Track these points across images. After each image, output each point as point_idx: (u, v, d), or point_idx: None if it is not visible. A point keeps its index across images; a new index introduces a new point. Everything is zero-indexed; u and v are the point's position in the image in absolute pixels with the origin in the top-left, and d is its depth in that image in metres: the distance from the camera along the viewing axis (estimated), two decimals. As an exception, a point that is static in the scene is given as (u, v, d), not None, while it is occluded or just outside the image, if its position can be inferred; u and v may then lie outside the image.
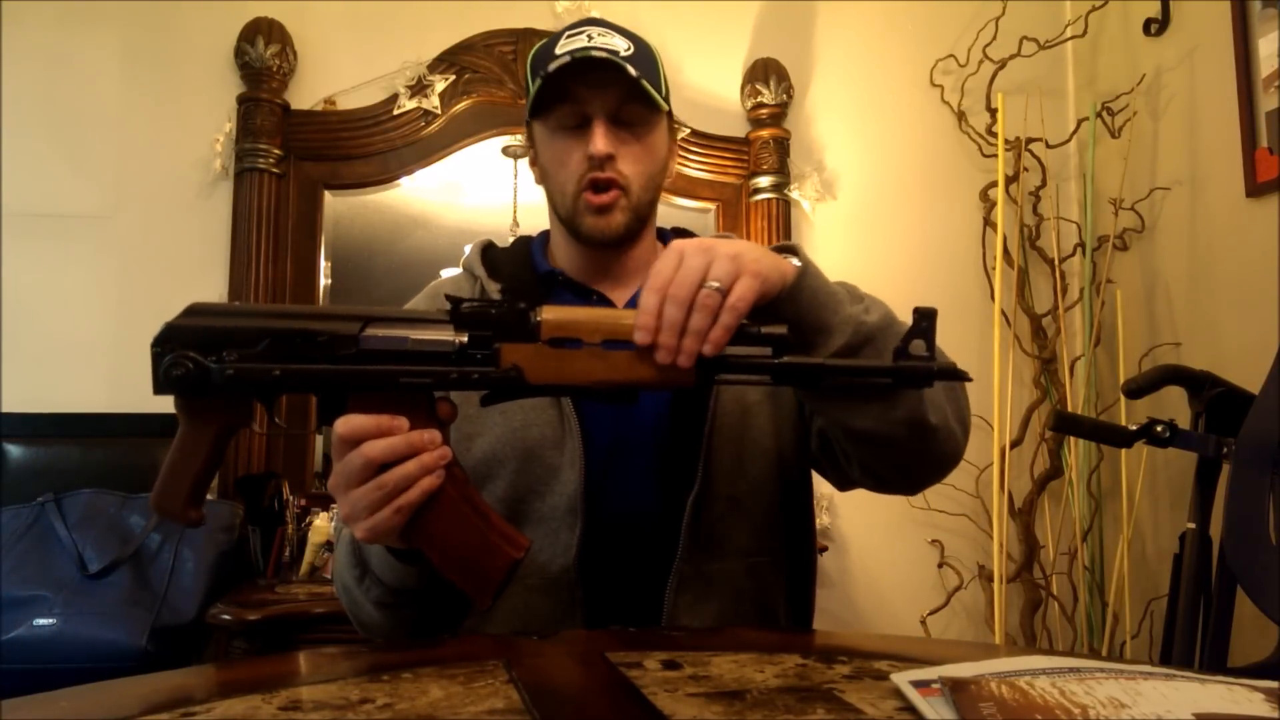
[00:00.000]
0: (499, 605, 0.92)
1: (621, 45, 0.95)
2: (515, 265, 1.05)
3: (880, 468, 0.89)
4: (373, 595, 0.86)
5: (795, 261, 0.80)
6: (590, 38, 0.95)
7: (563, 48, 0.94)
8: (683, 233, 1.11)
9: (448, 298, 0.73)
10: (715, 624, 0.91)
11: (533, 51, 1.01)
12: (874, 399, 0.80)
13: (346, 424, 0.70)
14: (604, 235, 0.97)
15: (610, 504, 0.93)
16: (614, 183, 0.95)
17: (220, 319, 0.72)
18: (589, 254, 1.01)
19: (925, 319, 0.74)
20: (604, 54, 0.92)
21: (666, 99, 0.98)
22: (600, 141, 0.94)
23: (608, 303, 1.02)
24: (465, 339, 0.72)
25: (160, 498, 0.73)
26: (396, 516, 0.70)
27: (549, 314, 0.73)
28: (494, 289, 1.00)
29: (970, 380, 0.74)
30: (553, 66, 0.92)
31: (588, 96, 0.94)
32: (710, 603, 0.92)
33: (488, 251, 1.07)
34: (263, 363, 0.70)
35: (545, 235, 1.09)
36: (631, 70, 0.92)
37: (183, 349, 0.70)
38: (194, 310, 0.71)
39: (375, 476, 0.70)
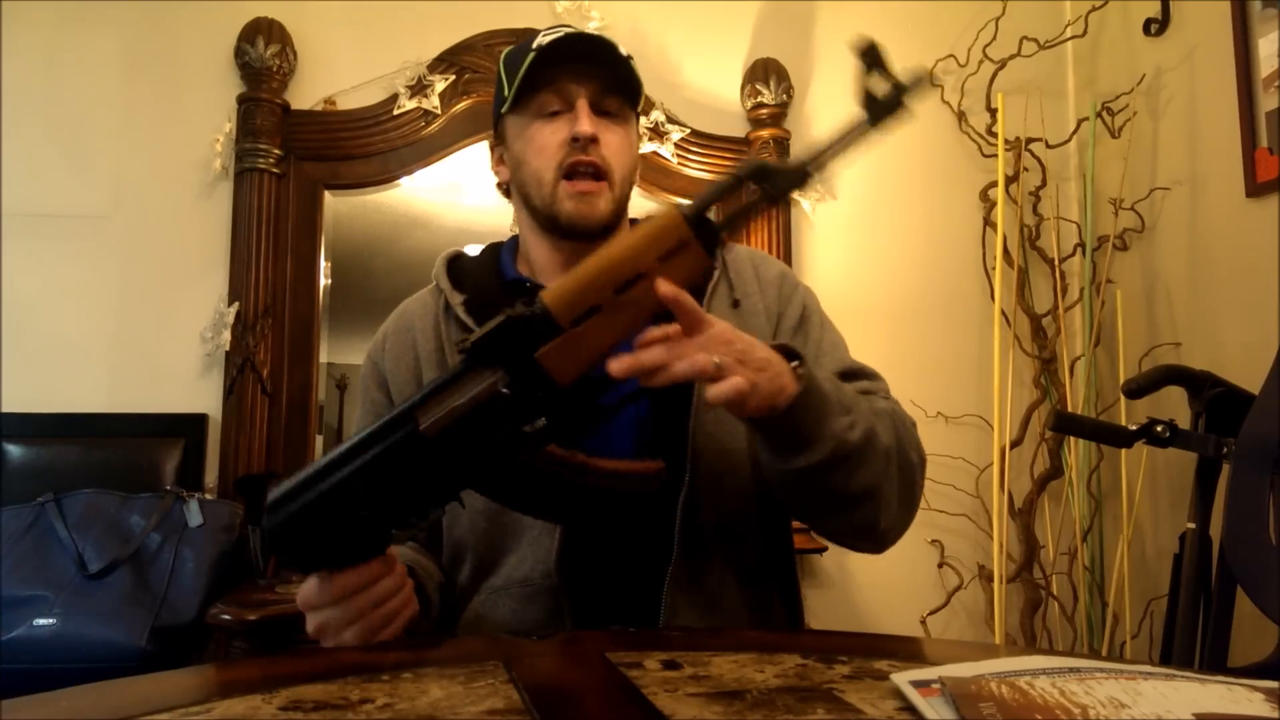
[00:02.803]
0: (486, 617, 0.91)
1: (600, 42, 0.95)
2: (481, 273, 1.02)
3: (802, 510, 0.89)
4: None
5: (798, 370, 0.78)
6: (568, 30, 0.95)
7: (544, 38, 0.94)
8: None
9: (458, 343, 0.71)
10: (710, 622, 0.91)
11: (504, 54, 0.99)
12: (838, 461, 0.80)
13: (340, 586, 0.72)
14: (586, 221, 0.93)
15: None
16: (596, 167, 0.93)
17: (297, 502, 0.71)
18: (562, 250, 0.98)
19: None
20: (592, 36, 0.92)
21: (639, 103, 0.98)
22: (585, 121, 0.92)
23: None
24: (503, 375, 0.68)
25: None
26: (360, 638, 0.74)
27: (549, 298, 0.68)
28: (458, 300, 0.97)
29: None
30: (547, 41, 0.91)
31: (570, 83, 0.93)
32: (704, 602, 0.91)
33: (454, 263, 1.04)
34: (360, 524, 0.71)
35: (515, 241, 1.06)
36: (621, 49, 0.92)
37: (285, 546, 0.72)
38: (274, 507, 0.72)
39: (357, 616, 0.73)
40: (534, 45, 0.93)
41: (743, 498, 0.94)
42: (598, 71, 0.93)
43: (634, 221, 1.05)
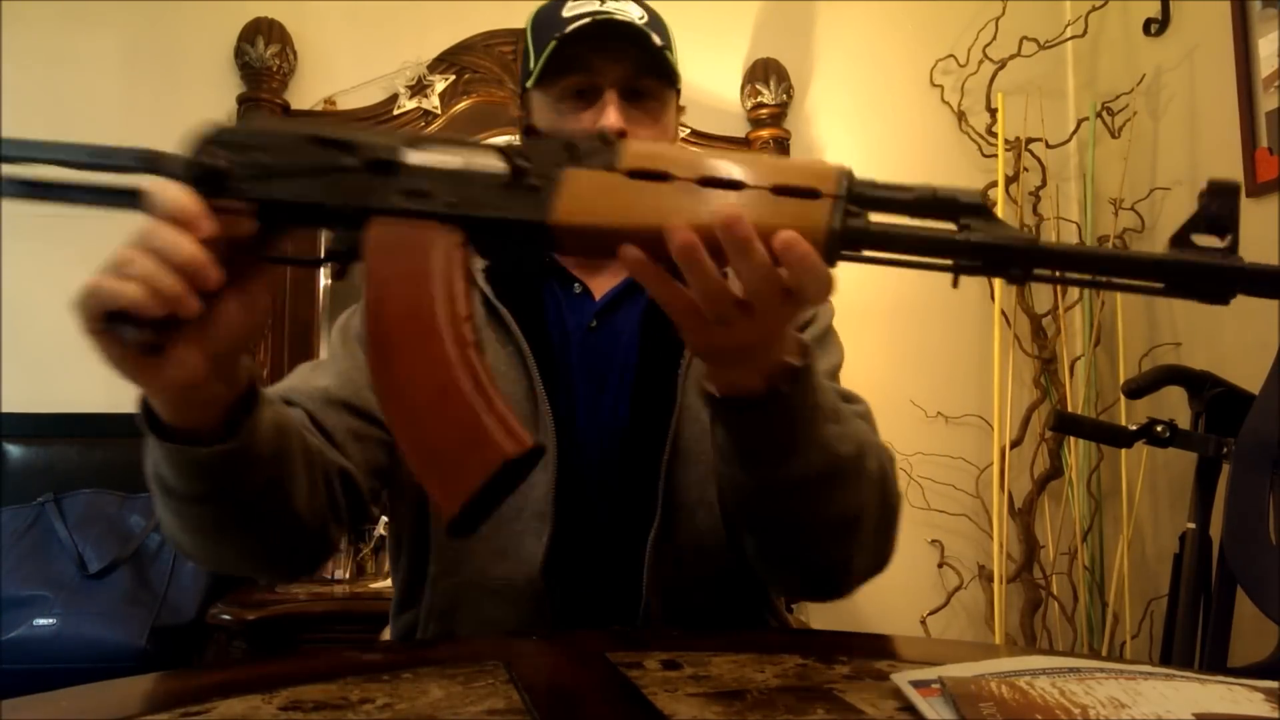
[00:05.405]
0: (463, 613, 0.83)
1: (635, 13, 0.86)
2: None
3: (775, 537, 0.74)
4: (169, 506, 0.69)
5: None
6: (602, 1, 0.86)
7: (573, 9, 0.85)
8: None
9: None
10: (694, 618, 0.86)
11: (533, 14, 0.91)
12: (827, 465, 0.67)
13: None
14: None
15: (580, 508, 0.84)
16: None
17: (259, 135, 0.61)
18: None
19: (1222, 196, 0.49)
20: (625, 19, 0.83)
21: (678, 79, 0.90)
22: (613, 116, 0.83)
23: (589, 294, 0.91)
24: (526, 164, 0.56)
25: None
26: (118, 287, 0.55)
27: (634, 144, 0.56)
28: (479, 266, 0.89)
29: None
30: (570, 28, 0.83)
31: (600, 66, 0.84)
32: (690, 599, 0.86)
33: None
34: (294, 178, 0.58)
35: None
36: (655, 39, 0.84)
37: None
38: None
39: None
40: (563, 16, 0.85)
41: (720, 542, 0.84)
42: (631, 52, 0.84)
43: None
